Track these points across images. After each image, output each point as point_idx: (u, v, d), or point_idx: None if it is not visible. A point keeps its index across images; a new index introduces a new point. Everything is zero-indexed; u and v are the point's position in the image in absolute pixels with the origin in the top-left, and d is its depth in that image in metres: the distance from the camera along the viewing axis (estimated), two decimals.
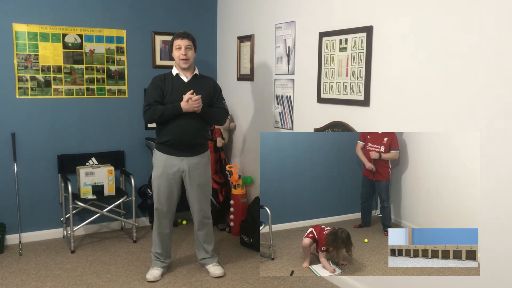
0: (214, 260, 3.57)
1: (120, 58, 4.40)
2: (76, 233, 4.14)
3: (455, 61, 2.45)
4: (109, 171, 4.13)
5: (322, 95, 3.41)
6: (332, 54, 3.28)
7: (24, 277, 3.45)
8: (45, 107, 4.13)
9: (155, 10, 4.51)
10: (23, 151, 4.08)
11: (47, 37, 4.08)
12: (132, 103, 4.44)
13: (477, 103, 2.36)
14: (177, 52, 3.28)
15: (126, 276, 3.50)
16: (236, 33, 4.50)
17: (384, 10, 2.87)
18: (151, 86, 3.34)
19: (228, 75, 4.71)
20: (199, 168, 3.37)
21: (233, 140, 4.73)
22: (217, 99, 3.43)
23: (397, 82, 2.82)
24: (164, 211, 3.39)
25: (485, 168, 2.36)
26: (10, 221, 4.06)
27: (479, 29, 2.32)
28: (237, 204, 4.33)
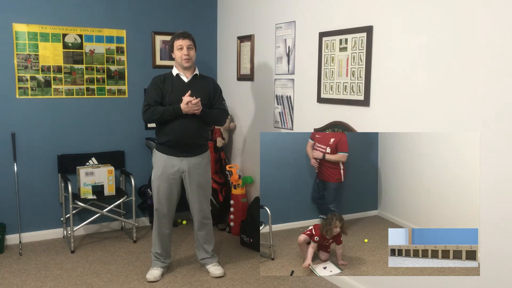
0: (214, 260, 3.57)
1: (120, 58, 4.40)
2: (76, 233, 4.14)
3: (455, 61, 2.45)
4: (109, 171, 4.13)
5: (322, 95, 3.41)
6: (332, 54, 3.28)
7: (24, 277, 3.45)
8: (45, 107, 4.13)
9: (155, 10, 4.51)
10: (23, 151, 4.09)
11: (47, 37, 4.08)
12: (132, 103, 4.44)
13: (477, 103, 2.36)
14: (179, 52, 3.28)
15: (126, 276, 3.50)
16: (236, 33, 4.50)
17: (384, 10, 2.87)
18: (151, 86, 3.34)
19: (228, 75, 4.71)
20: (199, 168, 3.37)
21: (233, 140, 4.73)
22: (217, 99, 3.43)
23: (397, 82, 2.82)
24: (164, 211, 3.39)
25: (485, 168, 2.36)
26: (10, 221, 4.06)
27: (479, 29, 2.32)
28: (237, 204, 4.33)
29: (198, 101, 3.19)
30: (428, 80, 2.61)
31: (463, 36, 2.40)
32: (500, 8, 2.23)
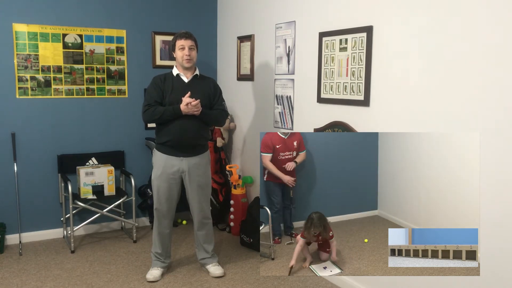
0: (214, 260, 3.57)
1: (120, 58, 4.40)
2: (76, 233, 4.14)
3: (455, 61, 2.45)
4: (109, 171, 4.13)
5: (322, 95, 3.41)
6: (332, 54, 3.28)
7: (24, 277, 3.45)
8: (45, 107, 4.13)
9: (155, 10, 4.51)
10: (23, 151, 4.08)
11: (47, 37, 4.08)
12: (132, 103, 4.44)
13: (477, 103, 2.36)
14: (181, 52, 3.28)
15: (126, 276, 3.50)
16: (236, 33, 4.50)
17: (384, 10, 2.87)
18: (151, 86, 3.34)
19: (228, 75, 4.71)
20: (199, 168, 3.37)
21: (233, 140, 4.73)
22: (217, 100, 3.43)
23: (397, 82, 2.82)
24: (164, 211, 3.39)
25: (485, 168, 2.36)
26: (10, 221, 4.06)
27: (479, 29, 2.32)
28: (237, 204, 4.33)
29: (198, 103, 3.19)
30: (428, 80, 2.61)
31: (463, 36, 2.40)
32: (500, 9, 2.23)
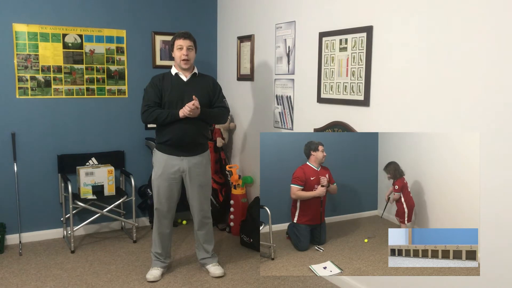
0: (214, 260, 3.57)
1: (120, 58, 4.40)
2: (76, 233, 4.14)
3: (455, 61, 2.45)
4: (109, 171, 4.13)
5: (322, 95, 3.41)
6: (332, 54, 3.28)
7: (24, 277, 3.45)
8: (45, 107, 4.13)
9: (155, 10, 4.51)
10: (23, 151, 4.08)
11: (47, 37, 4.08)
12: (132, 103, 4.44)
13: (477, 103, 2.36)
14: (179, 52, 3.28)
15: (126, 276, 3.50)
16: (236, 33, 4.50)
17: (384, 10, 2.87)
18: (149, 87, 3.34)
19: (228, 75, 4.71)
20: (199, 168, 3.37)
21: (233, 140, 4.73)
22: (218, 97, 3.43)
23: (397, 82, 2.82)
24: (164, 211, 3.39)
25: (485, 168, 2.36)
26: (10, 221, 4.06)
27: (479, 28, 2.32)
28: (237, 204, 4.33)
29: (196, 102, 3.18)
30: (428, 80, 2.61)
31: (463, 36, 2.40)
32: (500, 9, 2.23)
